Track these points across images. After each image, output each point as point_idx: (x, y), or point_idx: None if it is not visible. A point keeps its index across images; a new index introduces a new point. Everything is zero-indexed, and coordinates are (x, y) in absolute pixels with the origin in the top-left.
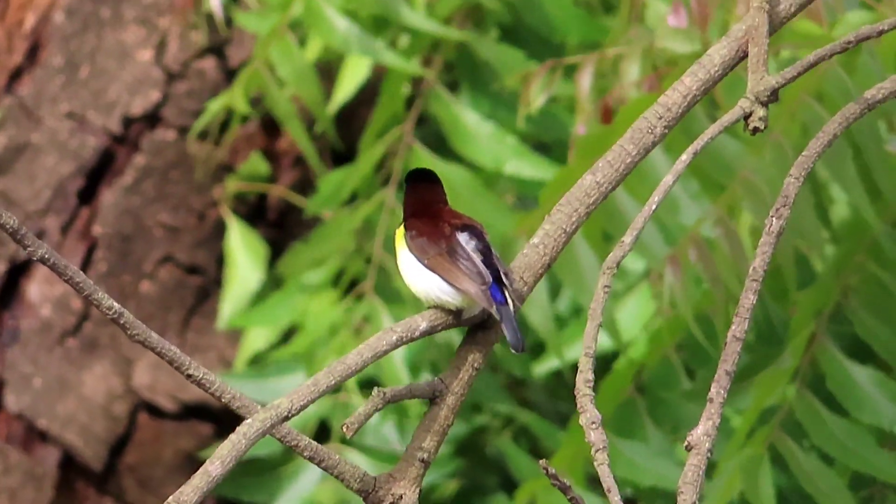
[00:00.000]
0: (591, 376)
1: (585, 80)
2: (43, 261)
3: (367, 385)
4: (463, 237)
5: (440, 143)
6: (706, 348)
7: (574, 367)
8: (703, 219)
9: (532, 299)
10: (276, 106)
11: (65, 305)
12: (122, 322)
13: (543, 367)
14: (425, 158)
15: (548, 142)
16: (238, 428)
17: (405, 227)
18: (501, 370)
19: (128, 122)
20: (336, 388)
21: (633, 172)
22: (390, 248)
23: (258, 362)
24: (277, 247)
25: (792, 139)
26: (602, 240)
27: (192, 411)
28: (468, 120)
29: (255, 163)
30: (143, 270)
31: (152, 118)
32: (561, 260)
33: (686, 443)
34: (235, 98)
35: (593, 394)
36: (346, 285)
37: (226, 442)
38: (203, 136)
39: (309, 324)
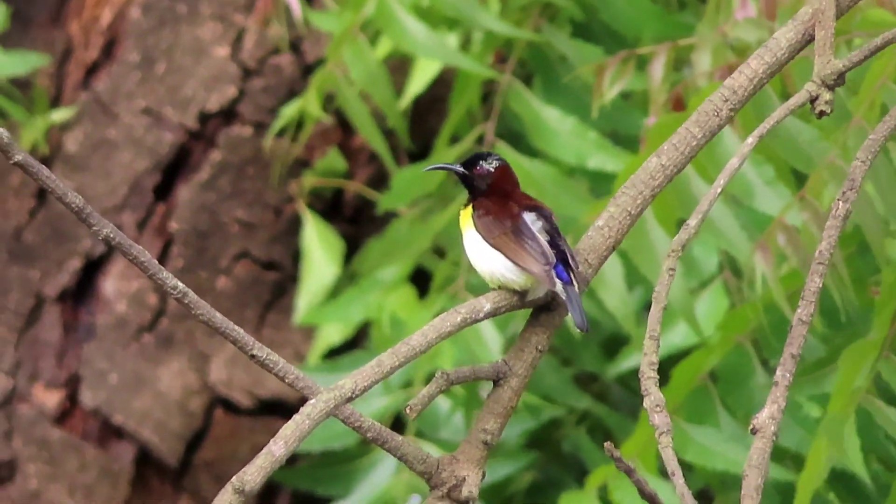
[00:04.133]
0: (655, 359)
1: (657, 71)
2: (108, 240)
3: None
4: (529, 217)
5: (516, 141)
6: (780, 337)
7: None
8: (790, 204)
9: (608, 284)
10: (348, 106)
11: (140, 301)
12: (186, 302)
13: (618, 366)
14: (509, 156)
15: (620, 136)
16: (302, 408)
17: (473, 206)
18: (573, 364)
19: (204, 118)
20: (408, 382)
21: (707, 157)
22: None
23: (332, 358)
24: (353, 242)
25: (873, 124)
26: (676, 225)
27: (268, 407)
28: (549, 116)
29: (332, 159)
30: (219, 266)
31: (228, 114)
32: (636, 245)
33: (751, 426)
34: (309, 102)
35: (657, 377)
36: (439, 285)
37: (289, 422)
38: (279, 133)
39: (386, 321)
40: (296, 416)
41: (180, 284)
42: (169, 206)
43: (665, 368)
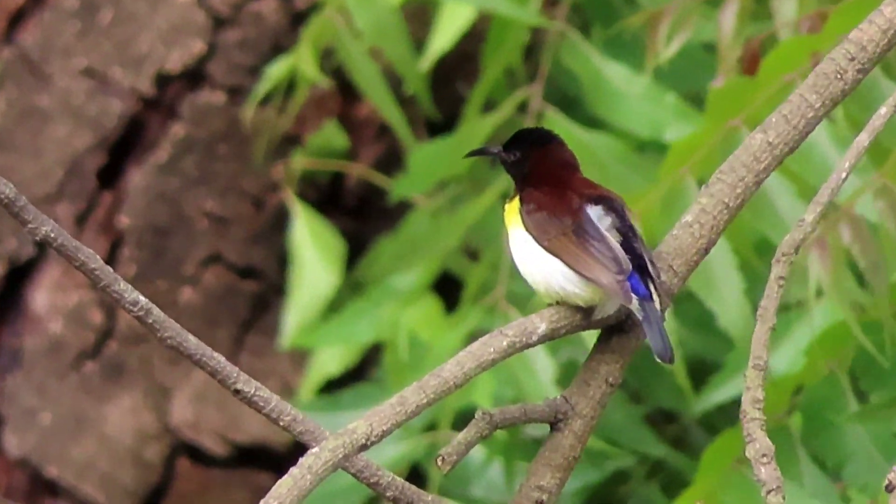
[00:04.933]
0: (760, 394)
1: (728, 21)
2: (48, 241)
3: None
4: (595, 212)
5: (571, 107)
6: (879, 362)
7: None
8: (860, 190)
9: (720, 292)
10: (352, 65)
11: (81, 318)
12: (149, 321)
13: (705, 400)
14: (562, 127)
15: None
16: (302, 459)
17: (521, 198)
18: (645, 400)
19: (163, 81)
20: (432, 424)
21: (763, 110)
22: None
23: (330, 392)
24: (357, 242)
25: None
26: (749, 238)
27: (248, 456)
28: (613, 74)
29: (329, 134)
30: (183, 274)
31: (194, 76)
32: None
33: (887, 481)
34: (302, 59)
35: (764, 418)
36: (472, 295)
37: (286, 478)
38: (262, 100)
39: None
40: (294, 470)
41: (142, 299)
42: (117, 196)
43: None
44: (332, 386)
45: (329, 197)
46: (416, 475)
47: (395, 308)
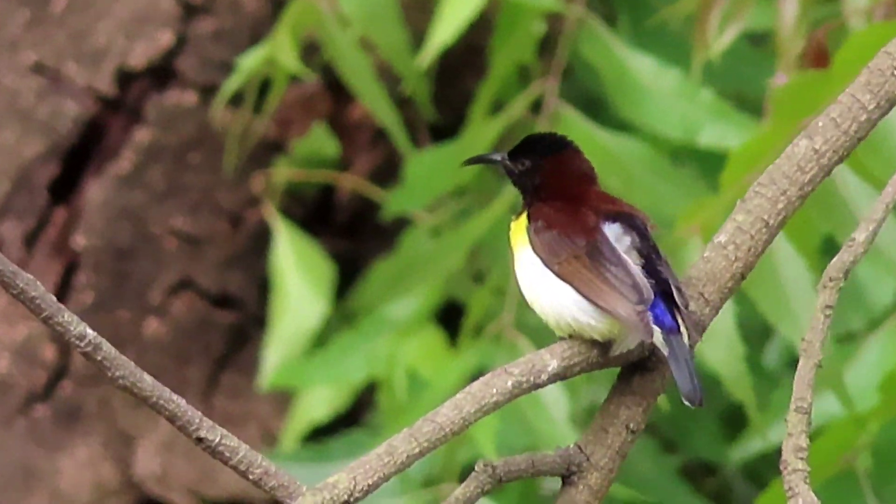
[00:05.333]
0: (804, 442)
1: (790, 7)
2: None
3: None
4: (613, 231)
5: (592, 107)
6: None
7: None
8: None
9: (713, 330)
10: (341, 59)
11: (31, 355)
12: (98, 358)
13: (743, 449)
14: (581, 129)
15: (747, 101)
16: None
17: (529, 215)
18: (679, 448)
19: (124, 78)
20: (434, 478)
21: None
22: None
23: (318, 440)
24: (350, 265)
25: None
26: (814, 238)
27: None
28: (640, 68)
29: (318, 140)
30: (149, 303)
31: (161, 73)
32: (757, 273)
33: None
34: (279, 48)
35: (808, 469)
36: (473, 325)
37: None
38: (234, 98)
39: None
40: None
41: (90, 332)
42: (72, 212)
43: None
44: (320, 433)
45: (317, 213)
46: None
47: (391, 341)
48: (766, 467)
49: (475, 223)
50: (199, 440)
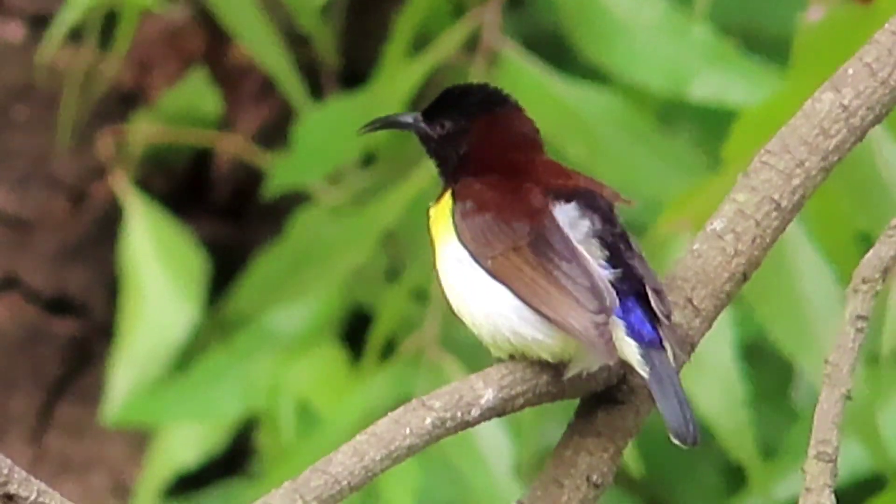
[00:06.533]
0: (827, 498)
1: None
2: None
3: None
4: (566, 213)
5: (545, 46)
6: None
7: None
8: None
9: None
10: None
11: None
12: None
13: (758, 499)
14: (529, 76)
15: (763, 42)
16: None
17: (454, 194)
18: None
19: None
20: None
21: None
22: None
23: (186, 491)
24: (231, 257)
25: None
26: (843, 233)
27: None
28: None
29: (192, 91)
30: None
31: None
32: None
33: None
34: None
35: None
36: (383, 339)
37: None
38: (76, 36)
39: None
40: None
41: None
42: None
43: None
44: (188, 484)
45: (188, 188)
46: None
47: (275, 362)
48: None
49: (387, 202)
50: (9, 497)
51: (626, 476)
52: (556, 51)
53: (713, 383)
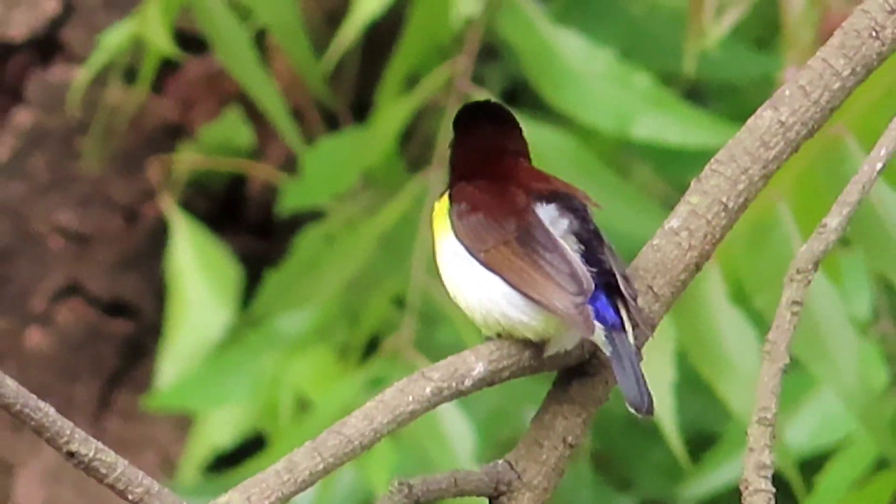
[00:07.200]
0: (768, 458)
1: None
2: None
3: None
4: (547, 213)
5: (522, 93)
6: None
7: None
8: None
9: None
10: (215, 35)
11: None
12: None
13: (701, 483)
14: None
15: (723, 90)
16: None
17: (451, 196)
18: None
19: (2, 52)
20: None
21: (873, 115)
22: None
23: (224, 469)
24: (261, 266)
25: None
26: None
27: None
28: (566, 48)
29: (229, 126)
30: (31, 310)
31: (45, 46)
32: (747, 262)
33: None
34: (148, 24)
35: (773, 490)
36: (365, 340)
37: None
38: (131, 77)
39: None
40: None
41: None
42: None
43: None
44: (226, 462)
45: (225, 208)
46: None
47: (278, 359)
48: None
49: (374, 222)
50: (71, 454)
51: (601, 459)
52: (531, 97)
53: (651, 374)
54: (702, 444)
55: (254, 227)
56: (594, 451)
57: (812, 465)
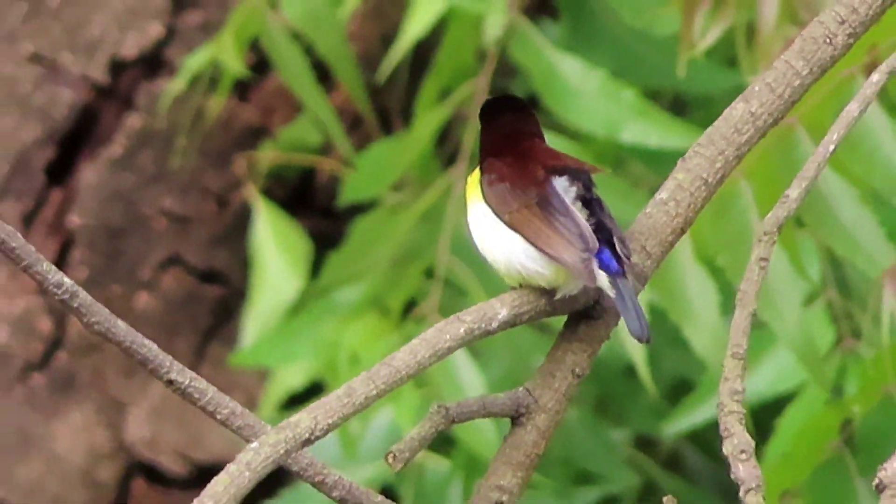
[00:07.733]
0: (740, 385)
1: (770, 8)
2: None
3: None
4: (561, 184)
5: (533, 106)
6: None
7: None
8: None
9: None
10: (280, 61)
11: (28, 327)
12: (75, 305)
13: (682, 421)
14: None
15: (692, 99)
16: (240, 455)
17: (482, 169)
18: (628, 422)
19: (117, 67)
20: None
21: (820, 109)
22: (459, 249)
23: (295, 407)
24: (329, 244)
25: None
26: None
27: (209, 476)
28: (566, 69)
29: (302, 128)
30: (140, 278)
31: (152, 62)
32: (717, 230)
33: (877, 480)
34: (223, 50)
35: (743, 411)
36: (402, 306)
37: (222, 475)
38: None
39: (343, 363)
40: (230, 467)
41: (67, 280)
42: (68, 193)
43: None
44: (298, 401)
45: (299, 195)
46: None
47: (335, 326)
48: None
49: (412, 210)
50: (170, 382)
51: (599, 400)
52: (540, 109)
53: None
54: (683, 389)
55: (321, 212)
56: (594, 395)
57: (774, 410)
